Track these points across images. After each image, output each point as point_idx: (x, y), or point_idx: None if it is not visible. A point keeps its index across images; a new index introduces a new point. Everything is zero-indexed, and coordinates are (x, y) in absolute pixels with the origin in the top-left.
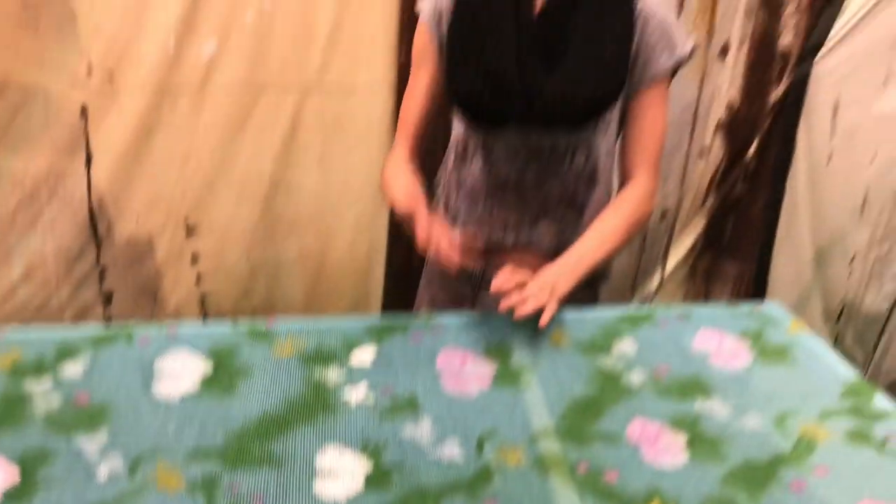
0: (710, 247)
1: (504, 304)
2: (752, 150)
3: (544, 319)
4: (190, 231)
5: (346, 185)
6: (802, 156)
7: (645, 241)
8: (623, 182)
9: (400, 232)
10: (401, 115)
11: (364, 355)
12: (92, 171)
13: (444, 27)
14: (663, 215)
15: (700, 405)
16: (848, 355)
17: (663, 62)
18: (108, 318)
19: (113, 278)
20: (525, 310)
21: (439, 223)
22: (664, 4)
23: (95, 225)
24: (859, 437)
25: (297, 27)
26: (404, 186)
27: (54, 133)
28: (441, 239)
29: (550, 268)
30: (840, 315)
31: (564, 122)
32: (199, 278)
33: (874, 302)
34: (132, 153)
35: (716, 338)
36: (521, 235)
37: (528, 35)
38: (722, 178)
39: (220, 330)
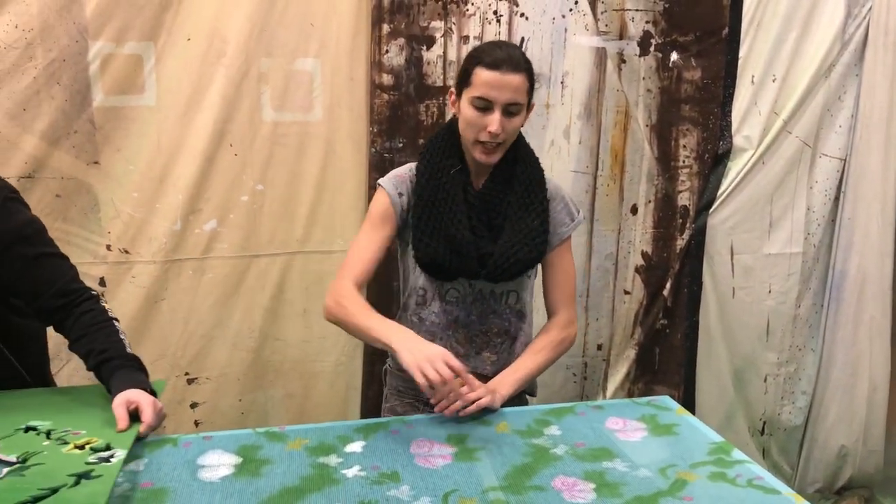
0: (643, 374)
1: (436, 402)
2: (667, 289)
3: (468, 410)
4: (190, 381)
5: (325, 334)
6: (710, 292)
7: (586, 370)
8: (550, 316)
9: (373, 373)
10: (349, 259)
11: (355, 447)
12: None
13: (405, 202)
14: (599, 347)
15: (606, 464)
16: (776, 467)
17: (566, 229)
18: None
19: None
20: (453, 408)
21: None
22: (558, 181)
23: None
24: (718, 476)
25: (284, 205)
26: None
27: None
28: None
29: (496, 378)
30: (763, 429)
31: (507, 277)
32: (196, 423)
33: (790, 416)
34: (142, 316)
35: (621, 421)
36: (467, 363)
37: (475, 211)
38: (645, 314)
39: (245, 434)
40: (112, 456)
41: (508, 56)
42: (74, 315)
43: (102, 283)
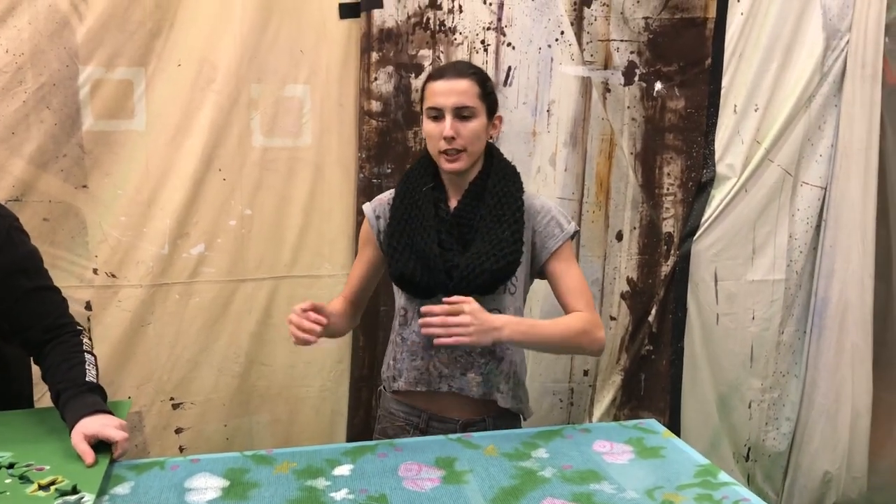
0: (629, 400)
1: (425, 330)
2: (652, 315)
3: (446, 341)
4: (175, 405)
5: (311, 359)
6: (695, 318)
7: (572, 396)
8: None
9: (359, 398)
10: (348, 277)
11: (343, 470)
12: None
13: (383, 224)
14: (585, 373)
15: (594, 486)
16: (760, 493)
17: (557, 239)
18: None
19: None
20: (444, 341)
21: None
22: (549, 199)
23: None
24: (704, 498)
25: (272, 230)
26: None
27: None
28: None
29: (504, 317)
30: (748, 455)
31: (476, 289)
32: (181, 448)
33: (775, 443)
34: (128, 340)
35: (608, 444)
36: (453, 384)
37: (446, 226)
38: (630, 340)
39: (232, 457)
40: (80, 501)
41: (453, 65)
42: (50, 347)
43: (88, 307)
